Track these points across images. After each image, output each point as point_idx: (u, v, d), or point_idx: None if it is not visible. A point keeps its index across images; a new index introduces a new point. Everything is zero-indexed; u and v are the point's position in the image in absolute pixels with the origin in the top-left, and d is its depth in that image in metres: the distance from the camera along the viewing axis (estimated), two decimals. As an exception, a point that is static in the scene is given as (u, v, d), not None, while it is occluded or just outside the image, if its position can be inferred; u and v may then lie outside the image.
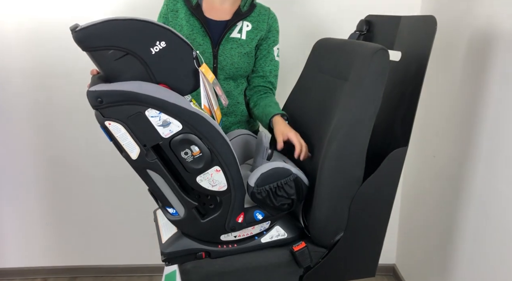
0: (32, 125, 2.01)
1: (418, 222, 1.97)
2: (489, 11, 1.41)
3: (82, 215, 2.15)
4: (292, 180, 1.16)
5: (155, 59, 1.01)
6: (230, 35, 1.45)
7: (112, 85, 0.98)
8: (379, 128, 1.23)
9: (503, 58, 1.32)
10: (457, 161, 1.58)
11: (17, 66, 1.93)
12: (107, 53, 0.98)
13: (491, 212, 1.38)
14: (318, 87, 1.33)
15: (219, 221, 1.14)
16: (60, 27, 1.89)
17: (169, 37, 1.02)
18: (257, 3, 1.51)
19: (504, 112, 1.31)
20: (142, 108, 0.98)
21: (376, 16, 1.48)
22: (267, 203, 1.15)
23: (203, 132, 1.02)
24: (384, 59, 1.11)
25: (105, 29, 0.96)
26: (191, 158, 1.03)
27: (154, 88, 1.00)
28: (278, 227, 1.24)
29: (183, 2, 1.47)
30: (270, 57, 1.50)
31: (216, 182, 1.08)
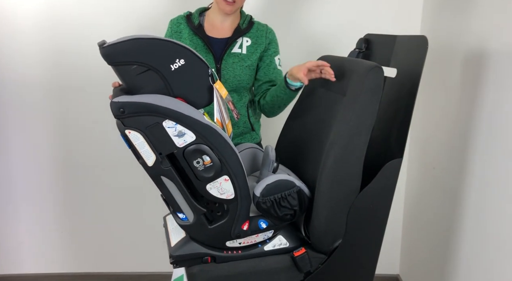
0: (50, 135, 2.11)
1: (420, 232, 2.01)
2: (482, 31, 1.48)
3: (95, 222, 2.24)
4: (295, 192, 1.23)
5: (174, 75, 1.10)
6: (231, 51, 1.55)
7: (134, 97, 1.07)
8: (375, 140, 1.29)
9: (495, 75, 1.38)
10: (455, 172, 1.64)
11: (36, 79, 2.04)
12: (131, 68, 1.07)
13: (486, 223, 1.43)
14: (319, 101, 1.41)
15: (225, 227, 1.21)
16: (79, 40, 2.01)
17: (188, 56, 1.10)
18: (255, 21, 1.61)
19: (497, 126, 1.38)
20: (160, 119, 1.06)
21: (374, 35, 1.56)
22: (271, 213, 1.22)
23: (214, 143, 1.10)
24: (379, 76, 1.18)
25: (130, 46, 1.05)
26: (202, 167, 1.11)
27: (172, 101, 1.08)
28: (280, 236, 1.30)
29: (186, 23, 1.57)
30: (272, 66, 1.60)
31: (224, 191, 1.15)
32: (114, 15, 1.99)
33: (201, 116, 1.10)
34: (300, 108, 1.51)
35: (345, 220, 1.26)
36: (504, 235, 1.33)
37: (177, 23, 1.59)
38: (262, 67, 1.60)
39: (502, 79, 1.35)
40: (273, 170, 1.31)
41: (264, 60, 1.59)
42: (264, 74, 1.60)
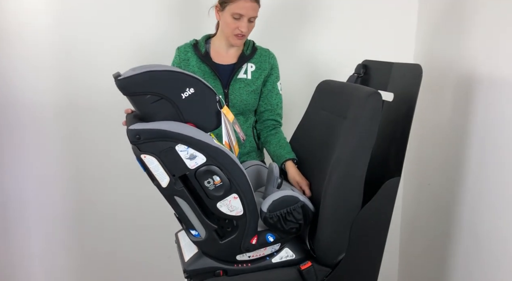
0: (61, 154, 2.19)
1: (417, 245, 2.10)
2: (473, 57, 1.60)
3: (104, 241, 2.30)
4: (300, 207, 1.31)
5: (185, 103, 1.18)
6: (237, 77, 1.64)
7: (149, 124, 1.15)
8: (375, 160, 1.38)
9: (486, 98, 1.50)
10: (449, 188, 1.74)
11: (49, 100, 2.12)
12: (145, 98, 1.15)
13: (480, 232, 1.53)
14: (321, 123, 1.51)
15: (235, 242, 1.29)
16: (89, 65, 2.10)
17: (197, 85, 1.19)
18: (258, 46, 1.70)
19: (488, 145, 1.48)
20: (173, 143, 1.14)
21: (372, 61, 1.67)
22: (277, 227, 1.30)
23: (223, 164, 1.18)
24: (377, 101, 1.28)
25: (145, 78, 1.14)
26: (213, 186, 1.19)
27: (184, 126, 1.17)
28: (287, 249, 1.39)
29: (193, 52, 1.65)
30: (275, 91, 1.69)
31: (233, 208, 1.23)
32: (120, 38, 2.09)
33: (211, 140, 1.19)
34: (303, 129, 1.61)
35: (348, 235, 1.34)
36: (497, 247, 1.42)
37: (184, 51, 1.67)
38: (265, 93, 1.69)
39: (493, 101, 1.46)
40: (277, 186, 1.40)
41: (267, 85, 1.68)
42: (267, 100, 1.69)
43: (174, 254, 2.31)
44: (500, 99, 1.42)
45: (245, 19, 1.53)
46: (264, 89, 1.69)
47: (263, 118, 1.71)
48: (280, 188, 1.40)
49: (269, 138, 1.67)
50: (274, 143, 1.64)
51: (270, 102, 1.69)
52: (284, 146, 1.61)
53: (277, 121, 1.72)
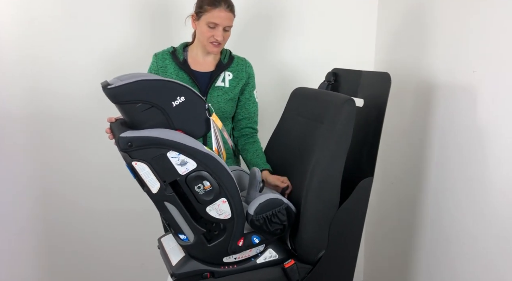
0: (28, 158, 2.13)
1: (382, 241, 2.24)
2: (429, 65, 1.75)
3: (73, 252, 2.25)
4: (284, 209, 1.38)
5: (175, 111, 1.20)
6: (215, 84, 1.68)
7: (141, 132, 1.17)
8: (349, 161, 1.48)
9: (444, 103, 1.65)
10: (411, 186, 1.88)
11: (15, 108, 2.06)
12: (135, 106, 1.16)
13: (441, 227, 1.67)
14: (297, 127, 1.58)
15: (222, 245, 1.33)
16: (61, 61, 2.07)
17: (187, 93, 1.22)
18: (234, 55, 1.76)
19: (447, 145, 1.63)
20: (164, 150, 1.16)
21: (341, 70, 1.78)
22: (263, 229, 1.36)
23: (213, 169, 1.22)
24: (352, 107, 1.38)
25: (136, 87, 1.15)
26: (203, 191, 1.23)
27: (175, 133, 1.20)
28: (270, 249, 1.45)
29: (171, 59, 1.67)
30: (252, 100, 1.75)
31: (222, 211, 1.27)
32: (88, 46, 2.08)
33: (202, 146, 1.23)
34: (280, 134, 1.68)
35: (328, 233, 1.43)
36: (457, 238, 1.57)
37: (162, 58, 1.68)
38: (242, 101, 1.74)
39: (450, 106, 1.61)
40: (260, 189, 1.46)
41: (244, 94, 1.74)
42: (245, 108, 1.75)
43: (147, 262, 2.32)
44: (456, 103, 1.57)
45: (220, 28, 1.58)
46: (241, 98, 1.74)
47: (241, 126, 1.76)
48: (261, 192, 1.46)
49: (247, 146, 1.72)
50: (251, 152, 1.70)
51: (248, 111, 1.75)
52: (260, 156, 1.69)
53: (254, 129, 1.78)
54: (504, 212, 1.35)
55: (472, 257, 1.50)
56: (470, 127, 1.50)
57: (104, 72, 2.06)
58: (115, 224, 2.26)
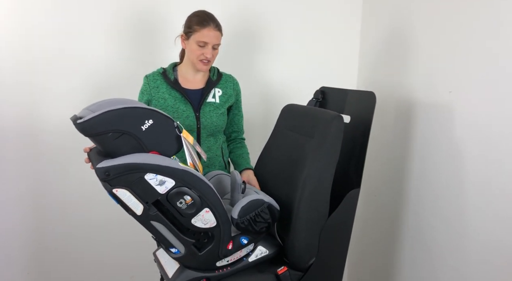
0: (20, 171, 2.15)
1: (365, 251, 2.34)
2: (409, 85, 1.89)
3: (63, 265, 2.26)
4: (266, 207, 1.44)
5: (146, 134, 1.24)
6: (206, 100, 1.76)
7: (116, 160, 1.19)
8: (337, 174, 1.57)
9: (423, 119, 1.78)
10: (393, 199, 2.00)
11: (10, 127, 2.10)
12: (107, 136, 1.19)
13: (422, 237, 1.78)
14: (288, 142, 1.67)
15: (213, 251, 1.39)
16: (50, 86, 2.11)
17: (154, 115, 1.25)
18: (222, 72, 1.85)
19: (427, 158, 1.76)
20: (142, 174, 1.20)
21: (328, 88, 1.90)
22: (249, 230, 1.41)
23: (191, 183, 1.26)
24: (340, 123, 1.49)
25: (104, 118, 1.17)
26: (185, 205, 1.27)
27: (149, 156, 1.23)
28: (260, 247, 1.52)
29: (162, 79, 1.74)
30: (240, 114, 1.90)
31: (207, 221, 1.32)
32: (70, 62, 2.13)
33: (176, 163, 1.25)
34: (271, 148, 1.77)
35: (318, 241, 1.51)
36: (436, 245, 1.68)
37: (153, 79, 1.75)
38: (231, 117, 1.87)
39: (429, 122, 1.74)
40: (242, 191, 1.53)
41: (233, 110, 1.87)
42: (234, 123, 1.89)
43: (137, 274, 2.35)
44: (434, 120, 1.70)
45: (209, 46, 1.67)
46: (230, 114, 1.86)
47: (231, 137, 1.90)
48: (244, 193, 1.54)
49: (234, 150, 1.87)
50: (237, 154, 1.86)
51: (237, 125, 1.89)
52: (245, 158, 1.83)
53: (242, 138, 1.92)
54: (478, 221, 1.47)
55: (450, 263, 1.61)
56: (446, 142, 1.63)
57: (92, 89, 2.13)
58: (105, 236, 2.28)
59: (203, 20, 1.65)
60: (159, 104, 1.73)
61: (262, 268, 1.54)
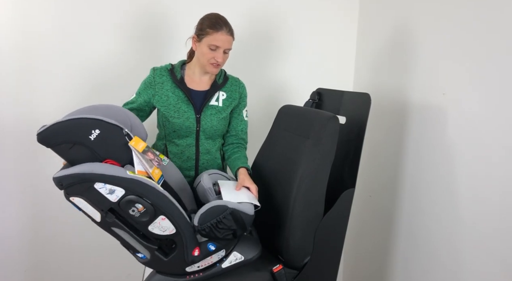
0: (19, 174, 2.16)
1: (360, 250, 2.36)
2: (404, 87, 1.92)
3: (62, 260, 2.28)
4: (229, 214, 1.36)
5: (95, 143, 1.28)
6: (209, 103, 1.74)
7: (67, 170, 1.25)
8: (332, 174, 1.60)
9: (417, 121, 1.81)
10: (388, 199, 2.03)
11: (8, 128, 2.12)
12: (61, 147, 1.26)
13: (415, 236, 1.81)
14: (284, 142, 1.70)
15: (179, 257, 1.37)
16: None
17: (100, 125, 1.28)
18: (229, 75, 1.84)
19: (420, 158, 1.78)
20: (91, 183, 1.24)
21: (325, 89, 1.92)
22: (213, 237, 1.37)
23: (142, 192, 1.27)
24: (336, 123, 1.52)
25: (53, 130, 1.25)
26: (138, 213, 1.28)
27: (97, 166, 1.27)
28: (235, 252, 1.48)
29: (168, 76, 1.73)
30: (240, 118, 1.83)
31: (165, 228, 1.31)
32: (75, 60, 2.15)
33: (124, 172, 1.27)
34: (268, 147, 1.79)
35: (313, 240, 1.54)
36: (429, 245, 1.71)
37: (160, 74, 1.73)
38: (232, 120, 1.83)
39: (423, 124, 1.77)
40: (215, 193, 1.53)
41: (233, 113, 1.82)
42: (232, 126, 1.83)
43: (134, 272, 2.37)
44: (428, 122, 1.73)
45: (221, 50, 1.65)
46: (231, 116, 1.83)
47: (228, 141, 1.85)
48: (220, 194, 1.52)
49: (231, 155, 1.80)
50: (233, 158, 1.78)
51: (235, 128, 1.84)
52: (240, 159, 1.75)
53: (240, 143, 1.85)
54: (471, 222, 1.50)
55: (444, 263, 1.64)
56: (440, 144, 1.66)
57: (92, 89, 2.15)
58: (102, 234, 2.29)
59: (216, 23, 1.64)
60: (161, 100, 1.72)
61: (258, 266, 1.55)
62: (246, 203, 1.44)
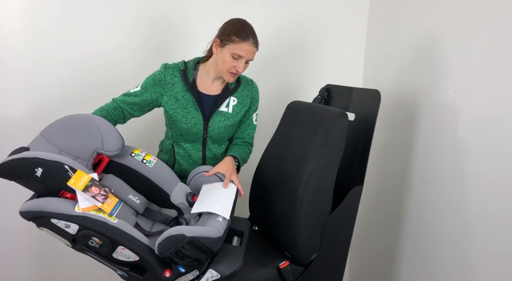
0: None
1: (367, 249, 2.35)
2: (414, 84, 1.90)
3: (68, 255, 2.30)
4: (187, 243, 1.26)
5: (44, 179, 1.29)
6: (219, 109, 1.69)
7: (27, 204, 1.28)
8: (340, 171, 1.59)
9: (426, 118, 1.79)
10: (396, 197, 2.01)
11: (16, 110, 2.12)
12: (17, 181, 1.31)
13: (423, 236, 1.80)
14: (292, 138, 1.69)
15: (152, 277, 1.35)
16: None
17: (41, 163, 1.28)
18: (242, 76, 1.76)
19: (430, 156, 1.77)
20: (46, 219, 1.26)
21: (333, 86, 1.91)
22: (177, 262, 1.30)
23: (93, 227, 1.27)
24: (345, 120, 1.50)
25: (2, 170, 1.29)
26: (97, 245, 1.28)
27: (51, 202, 1.29)
28: (211, 269, 1.39)
29: (180, 77, 1.65)
30: (249, 122, 1.79)
31: (128, 255, 1.31)
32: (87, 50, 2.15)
33: (72, 210, 1.27)
34: (276, 144, 1.79)
35: (320, 237, 1.53)
36: (438, 243, 1.70)
37: (172, 74, 1.66)
38: (241, 123, 1.78)
39: (433, 121, 1.75)
40: (189, 203, 1.52)
41: (243, 117, 1.77)
42: (240, 130, 1.79)
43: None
44: (438, 119, 1.71)
45: (243, 60, 1.59)
46: (240, 119, 1.76)
47: (233, 142, 1.81)
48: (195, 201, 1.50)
49: (230, 147, 1.77)
50: (228, 150, 1.75)
51: (243, 133, 1.80)
52: (234, 151, 1.70)
53: (245, 144, 1.80)
54: (481, 220, 1.48)
55: (452, 261, 1.62)
56: (450, 142, 1.64)
57: (103, 85, 2.15)
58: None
59: (243, 32, 1.56)
60: (170, 102, 1.66)
61: (264, 262, 1.55)
62: (212, 222, 1.35)
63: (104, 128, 1.51)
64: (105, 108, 1.68)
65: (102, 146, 1.50)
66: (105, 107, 1.69)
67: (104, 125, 1.52)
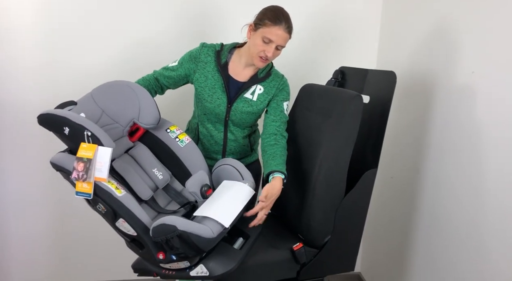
0: (41, 156, 2.21)
1: (379, 233, 2.35)
2: (430, 66, 1.86)
3: (84, 233, 2.35)
4: (176, 236, 1.26)
5: (71, 138, 1.35)
6: (243, 95, 1.69)
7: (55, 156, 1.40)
8: (354, 154, 1.58)
9: (442, 101, 1.76)
10: (410, 181, 2.00)
11: (33, 100, 2.15)
12: (54, 133, 1.40)
13: (437, 220, 1.79)
14: (306, 121, 1.68)
15: (148, 254, 1.38)
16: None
17: (68, 124, 1.34)
18: (274, 70, 1.74)
19: (446, 141, 1.74)
20: (67, 175, 1.37)
21: (348, 68, 1.89)
22: (168, 250, 1.32)
23: (99, 194, 1.32)
24: (359, 102, 1.49)
25: (41, 119, 1.38)
26: (103, 211, 1.34)
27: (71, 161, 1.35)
28: (202, 265, 1.39)
29: (214, 58, 1.69)
30: (279, 109, 1.71)
31: (127, 229, 1.34)
32: (112, 39, 2.16)
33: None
34: (290, 127, 1.77)
35: (333, 219, 1.54)
36: (451, 232, 1.69)
37: (206, 53, 1.70)
38: (269, 109, 1.73)
39: (449, 104, 1.72)
40: (202, 196, 1.52)
41: (271, 104, 1.72)
42: (265, 126, 1.71)
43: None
44: (455, 102, 1.68)
45: (273, 45, 1.57)
46: (269, 108, 1.73)
47: (270, 142, 1.67)
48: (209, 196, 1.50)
49: (267, 148, 1.65)
50: (268, 154, 1.63)
51: (267, 128, 1.70)
52: (276, 158, 1.59)
53: (278, 132, 1.69)
54: (498, 205, 1.47)
55: (466, 247, 1.62)
56: (467, 125, 1.61)
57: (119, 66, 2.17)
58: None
59: (276, 17, 1.56)
60: (200, 79, 1.70)
61: (278, 244, 1.57)
62: (210, 222, 1.33)
63: (145, 100, 1.56)
64: (147, 78, 1.76)
65: (138, 117, 1.56)
66: (147, 77, 1.77)
67: (145, 97, 1.57)
